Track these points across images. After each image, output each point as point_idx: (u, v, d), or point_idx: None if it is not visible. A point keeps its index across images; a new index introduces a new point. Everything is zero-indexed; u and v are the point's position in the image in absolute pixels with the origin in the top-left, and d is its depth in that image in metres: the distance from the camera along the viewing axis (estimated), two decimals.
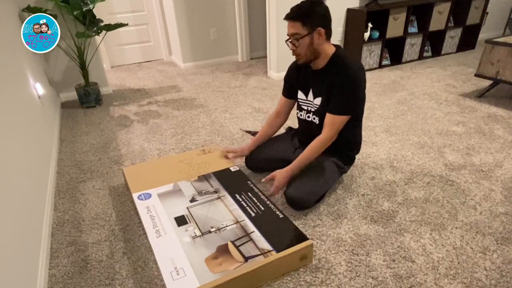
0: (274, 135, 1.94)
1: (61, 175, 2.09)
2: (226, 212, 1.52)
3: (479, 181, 1.84)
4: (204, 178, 1.78)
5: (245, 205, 1.56)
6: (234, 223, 1.45)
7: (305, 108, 1.74)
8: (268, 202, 1.57)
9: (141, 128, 2.65)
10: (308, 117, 1.74)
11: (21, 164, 1.51)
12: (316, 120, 1.71)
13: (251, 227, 1.43)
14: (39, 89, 2.38)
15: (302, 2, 1.50)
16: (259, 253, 1.29)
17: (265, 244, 1.33)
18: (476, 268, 1.33)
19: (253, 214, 1.50)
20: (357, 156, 2.08)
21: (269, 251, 1.30)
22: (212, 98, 3.21)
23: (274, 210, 1.52)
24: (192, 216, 1.50)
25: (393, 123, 2.53)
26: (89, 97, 3.06)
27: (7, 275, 1.06)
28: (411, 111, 2.72)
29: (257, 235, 1.38)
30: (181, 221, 1.48)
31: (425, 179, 1.88)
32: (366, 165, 2.02)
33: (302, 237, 1.35)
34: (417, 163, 2.02)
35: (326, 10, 1.49)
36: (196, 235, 1.40)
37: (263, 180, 1.69)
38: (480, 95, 2.91)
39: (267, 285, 1.29)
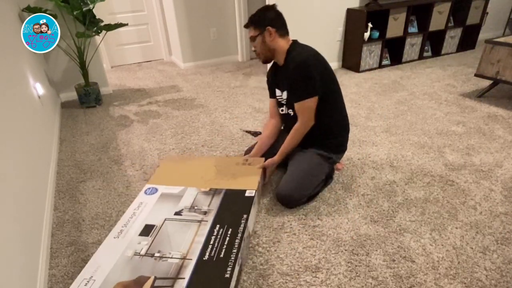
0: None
1: (61, 175, 2.09)
2: (187, 242, 1.36)
3: (479, 181, 1.84)
4: (213, 192, 1.66)
5: (211, 242, 1.36)
6: (180, 258, 1.29)
7: (282, 102, 1.84)
8: (234, 251, 1.32)
9: (141, 128, 2.65)
10: (284, 110, 1.84)
11: (21, 164, 1.51)
12: (291, 112, 1.79)
13: (187, 272, 1.23)
14: (39, 89, 2.38)
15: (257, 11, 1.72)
16: None
17: None
18: (476, 268, 1.33)
19: (205, 258, 1.29)
20: (357, 156, 2.09)
21: None
22: (212, 98, 3.21)
23: (229, 264, 1.26)
24: (158, 231, 1.42)
25: (393, 123, 2.53)
26: (89, 97, 3.06)
27: (7, 275, 1.06)
28: (411, 111, 2.72)
29: (181, 286, 1.17)
30: (146, 231, 1.42)
31: (425, 179, 1.88)
32: (366, 165, 2.02)
33: None
34: (417, 163, 2.02)
35: (276, 13, 1.68)
36: (139, 253, 1.30)
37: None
38: (480, 95, 2.91)
39: (267, 285, 1.29)
